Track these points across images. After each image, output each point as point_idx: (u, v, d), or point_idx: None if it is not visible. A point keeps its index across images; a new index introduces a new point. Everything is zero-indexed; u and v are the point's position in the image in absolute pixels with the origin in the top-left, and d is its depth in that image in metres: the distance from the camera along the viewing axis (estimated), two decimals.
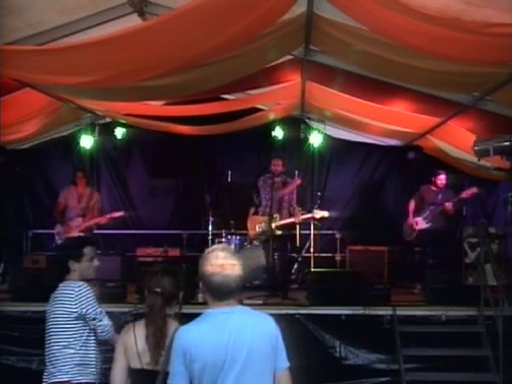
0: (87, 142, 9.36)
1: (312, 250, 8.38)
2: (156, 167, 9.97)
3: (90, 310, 3.40)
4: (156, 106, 8.06)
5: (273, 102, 8.38)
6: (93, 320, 3.42)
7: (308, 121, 9.30)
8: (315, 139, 9.19)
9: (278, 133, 9.19)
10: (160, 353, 2.83)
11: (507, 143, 5.37)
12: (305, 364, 5.31)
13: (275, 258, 7.02)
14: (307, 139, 9.32)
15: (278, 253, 7.10)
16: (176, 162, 9.81)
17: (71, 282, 3.50)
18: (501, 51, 3.83)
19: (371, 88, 6.34)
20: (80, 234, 7.22)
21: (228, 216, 8.04)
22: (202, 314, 2.42)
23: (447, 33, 3.78)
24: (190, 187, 9.79)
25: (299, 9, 4.41)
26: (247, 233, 7.57)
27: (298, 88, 6.99)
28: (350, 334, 5.94)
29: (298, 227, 8.00)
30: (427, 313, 6.07)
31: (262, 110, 8.57)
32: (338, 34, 4.71)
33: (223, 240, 7.56)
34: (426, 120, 7.23)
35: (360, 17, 4.16)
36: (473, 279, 6.91)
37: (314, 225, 8.32)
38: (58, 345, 3.40)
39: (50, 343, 3.44)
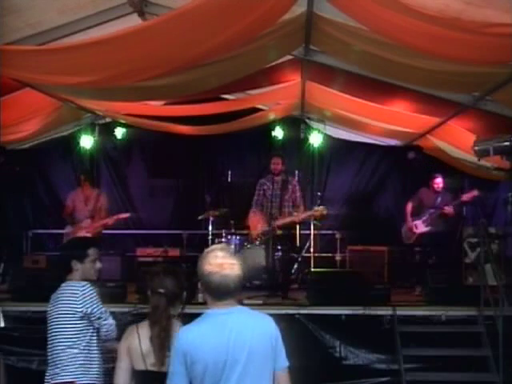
0: (87, 142, 9.37)
1: (312, 250, 8.38)
2: (156, 167, 9.97)
3: (95, 310, 3.38)
4: (156, 106, 8.06)
5: (273, 102, 8.38)
6: (98, 319, 3.40)
7: (308, 121, 9.31)
8: (315, 139, 9.20)
9: (278, 133, 9.19)
10: (165, 354, 2.80)
11: (507, 143, 5.38)
12: (305, 364, 5.29)
13: (275, 258, 7.02)
14: (307, 139, 9.33)
15: (279, 253, 7.10)
16: (176, 162, 9.80)
17: (74, 282, 3.47)
18: (501, 51, 3.83)
19: (371, 88, 6.33)
20: (85, 235, 7.20)
21: (228, 216, 8.02)
22: (202, 314, 2.41)
23: (447, 33, 3.79)
24: (190, 187, 9.79)
25: (299, 9, 4.41)
26: (248, 233, 7.56)
27: (298, 88, 6.99)
28: (349, 334, 5.92)
29: (297, 227, 7.99)
30: (427, 313, 6.05)
31: (261, 109, 8.57)
32: (338, 34, 4.71)
33: (223, 240, 7.55)
34: (425, 120, 7.23)
35: (360, 17, 4.16)
36: (473, 279, 6.91)
37: (314, 225, 8.31)
38: (62, 345, 3.36)
39: (53, 343, 3.40)
